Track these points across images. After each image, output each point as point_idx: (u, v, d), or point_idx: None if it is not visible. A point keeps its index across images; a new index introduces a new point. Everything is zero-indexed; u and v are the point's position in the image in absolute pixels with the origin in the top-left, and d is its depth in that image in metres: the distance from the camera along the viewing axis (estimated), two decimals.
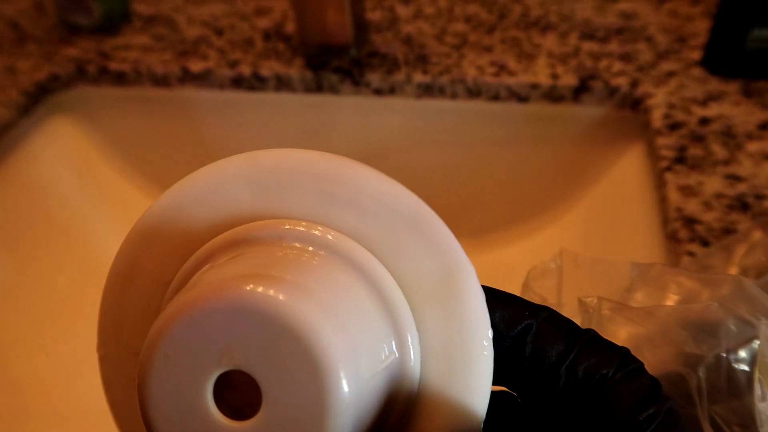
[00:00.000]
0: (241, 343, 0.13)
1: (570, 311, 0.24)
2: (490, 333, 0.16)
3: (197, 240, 0.16)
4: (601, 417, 0.15)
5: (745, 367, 0.17)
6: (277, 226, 0.16)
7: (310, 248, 0.15)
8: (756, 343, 0.17)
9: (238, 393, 0.14)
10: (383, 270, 0.16)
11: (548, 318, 0.16)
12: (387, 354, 0.15)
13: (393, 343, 0.15)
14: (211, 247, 0.16)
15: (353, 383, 0.13)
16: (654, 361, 0.19)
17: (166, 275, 0.17)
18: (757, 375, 0.17)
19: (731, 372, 0.17)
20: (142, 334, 0.17)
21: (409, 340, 0.15)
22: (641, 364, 0.15)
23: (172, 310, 0.14)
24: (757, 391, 0.16)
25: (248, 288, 0.13)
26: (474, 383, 0.15)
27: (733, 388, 0.17)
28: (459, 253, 0.16)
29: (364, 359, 0.14)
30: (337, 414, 0.13)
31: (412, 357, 0.15)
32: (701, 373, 0.18)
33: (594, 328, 0.22)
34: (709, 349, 0.18)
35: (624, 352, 0.15)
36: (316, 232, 0.15)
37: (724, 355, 0.18)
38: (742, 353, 0.18)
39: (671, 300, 0.21)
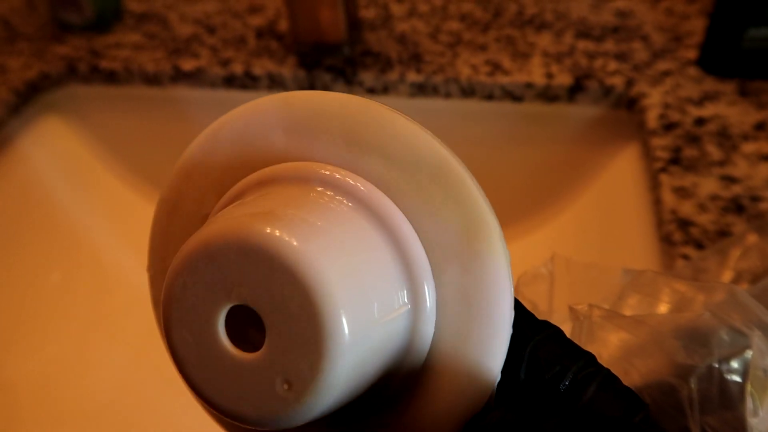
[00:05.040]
0: (248, 279, 0.14)
1: (561, 317, 0.23)
2: (511, 297, 0.15)
3: (232, 177, 0.17)
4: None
5: (738, 378, 0.17)
6: (305, 169, 0.16)
7: (332, 193, 0.16)
8: (749, 354, 0.17)
9: (252, 329, 0.14)
10: (403, 220, 0.16)
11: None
12: (400, 304, 0.15)
13: (406, 293, 0.15)
14: (243, 185, 0.17)
15: (357, 327, 0.13)
16: (645, 370, 0.19)
17: (204, 208, 0.18)
18: (749, 388, 0.16)
19: (723, 383, 0.17)
20: None
21: (426, 293, 0.15)
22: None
23: (193, 242, 0.14)
24: (749, 405, 0.16)
25: (258, 228, 0.14)
26: (489, 345, 0.15)
27: (726, 399, 0.17)
28: (482, 210, 0.15)
29: (373, 305, 0.14)
30: (336, 355, 0.13)
31: (428, 309, 0.15)
32: (693, 383, 0.17)
33: (584, 336, 0.22)
34: (701, 359, 0.18)
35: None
36: (339, 176, 0.16)
37: (717, 365, 0.17)
38: (735, 364, 0.17)
39: (664, 307, 0.21)
